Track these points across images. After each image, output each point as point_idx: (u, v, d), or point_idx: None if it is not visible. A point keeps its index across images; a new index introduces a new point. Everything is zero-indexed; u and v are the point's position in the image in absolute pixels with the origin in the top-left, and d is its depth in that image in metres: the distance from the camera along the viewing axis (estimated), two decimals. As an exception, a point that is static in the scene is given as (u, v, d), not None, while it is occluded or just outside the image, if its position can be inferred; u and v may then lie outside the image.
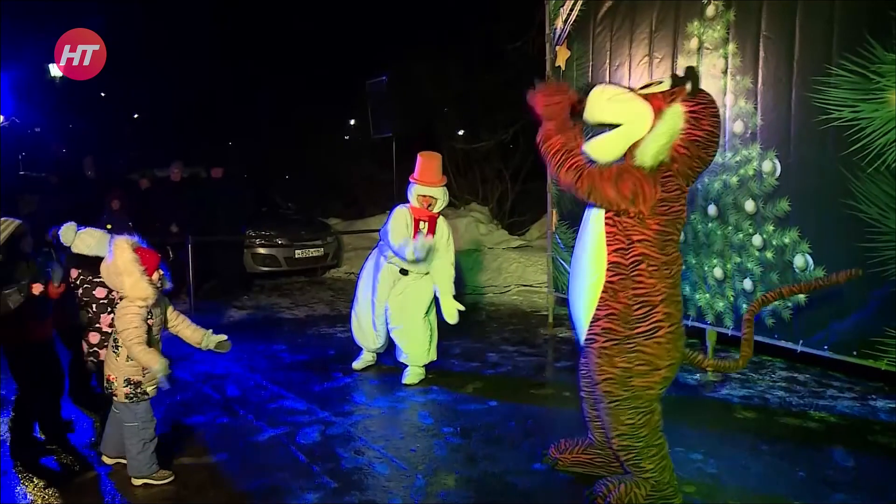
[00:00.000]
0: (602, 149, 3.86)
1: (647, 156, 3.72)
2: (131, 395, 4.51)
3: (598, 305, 3.94)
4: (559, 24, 8.06)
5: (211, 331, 4.94)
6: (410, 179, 6.60)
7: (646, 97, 3.84)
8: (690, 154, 3.76)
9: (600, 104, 3.88)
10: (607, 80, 7.34)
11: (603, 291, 3.92)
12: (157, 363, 4.38)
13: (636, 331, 3.84)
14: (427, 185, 6.49)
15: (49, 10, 18.09)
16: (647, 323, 3.82)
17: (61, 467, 4.95)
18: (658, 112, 3.76)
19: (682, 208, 3.85)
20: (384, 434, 5.35)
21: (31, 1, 17.50)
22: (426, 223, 6.53)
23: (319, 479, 4.57)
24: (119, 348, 4.49)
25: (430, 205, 6.52)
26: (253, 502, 4.35)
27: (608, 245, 3.89)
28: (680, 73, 4.03)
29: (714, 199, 6.33)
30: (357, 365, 7.01)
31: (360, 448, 5.06)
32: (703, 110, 3.77)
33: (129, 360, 4.48)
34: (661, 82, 3.93)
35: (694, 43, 6.43)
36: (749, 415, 5.57)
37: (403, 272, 6.62)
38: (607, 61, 7.40)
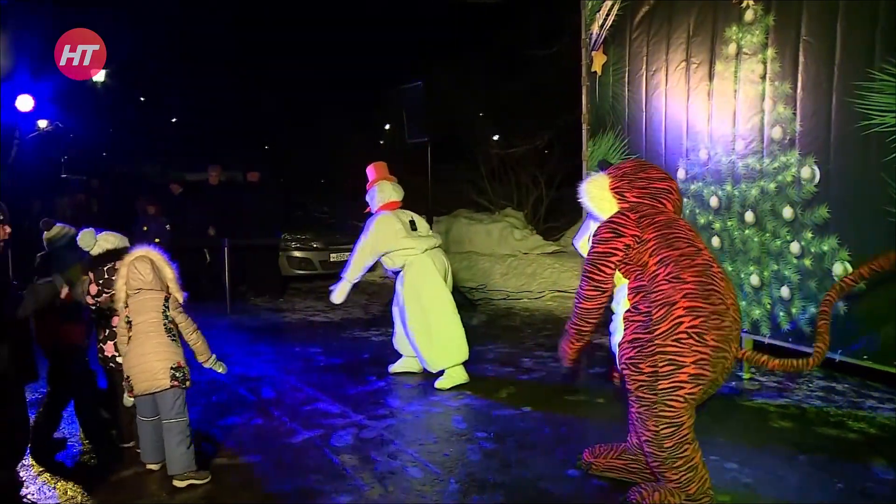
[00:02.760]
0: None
1: (592, 210, 4.35)
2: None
3: (625, 326, 4.04)
4: (595, 28, 8.02)
5: None
6: None
7: None
8: (621, 185, 4.22)
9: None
10: (644, 86, 7.31)
11: (627, 312, 4.02)
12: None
13: (656, 332, 3.85)
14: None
15: (91, 16, 18.40)
16: (668, 322, 3.83)
17: (101, 466, 5.03)
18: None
19: (667, 218, 4.09)
20: (417, 438, 5.36)
21: (74, 8, 17.81)
22: None
23: (353, 482, 4.60)
24: (175, 335, 4.69)
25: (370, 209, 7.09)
26: (287, 503, 4.39)
27: (627, 277, 4.05)
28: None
29: (751, 205, 6.26)
30: (393, 368, 7.06)
31: (394, 452, 5.08)
32: (626, 185, 4.22)
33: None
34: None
35: (732, 48, 6.37)
36: (786, 424, 5.50)
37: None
38: (644, 67, 7.35)
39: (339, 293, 6.99)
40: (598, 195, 4.26)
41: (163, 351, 4.60)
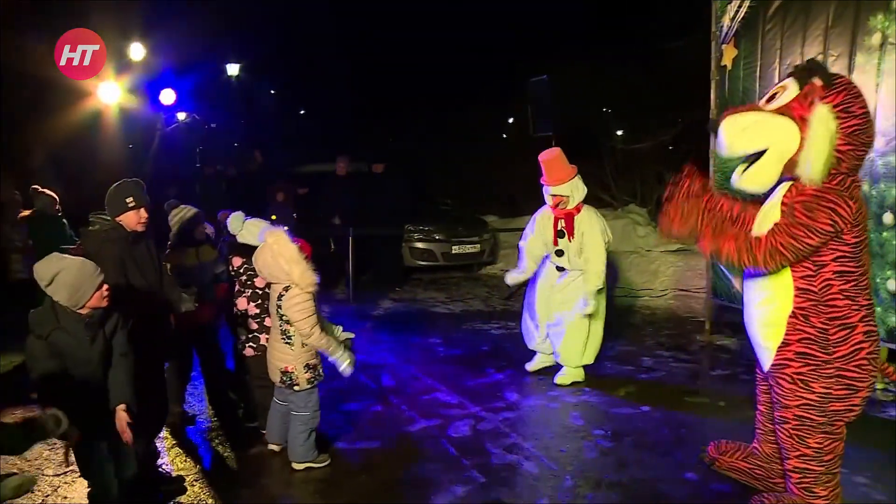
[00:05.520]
0: (756, 179, 3.76)
1: (817, 171, 3.54)
2: (312, 380, 4.73)
3: (788, 331, 3.77)
4: (726, 21, 7.78)
5: (341, 327, 5.05)
6: (541, 182, 6.58)
7: (782, 111, 3.65)
8: (854, 145, 3.54)
9: (736, 137, 3.72)
10: (776, 80, 7.05)
11: (792, 317, 3.75)
12: (338, 350, 4.66)
13: (835, 355, 3.66)
14: (552, 184, 6.44)
15: (229, 14, 19.18)
16: (848, 346, 3.65)
17: (227, 443, 5.28)
18: (803, 121, 3.58)
19: (866, 213, 3.65)
20: (534, 432, 5.38)
21: (211, 6, 18.62)
22: (563, 221, 6.47)
23: (468, 473, 4.66)
24: (292, 338, 4.66)
25: (559, 203, 6.46)
26: (403, 490, 4.50)
27: (793, 272, 3.72)
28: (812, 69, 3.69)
29: (890, 206, 5.95)
30: (531, 366, 6.99)
31: (510, 445, 5.12)
32: (848, 97, 3.52)
33: (305, 346, 4.67)
34: (785, 87, 3.72)
35: (876, 38, 6.06)
36: (924, 438, 5.21)
37: (559, 269, 6.59)
38: (777, 60, 7.09)
39: None
40: (827, 155, 3.51)
41: (276, 352, 4.76)
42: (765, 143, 3.65)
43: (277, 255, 4.55)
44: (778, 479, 4.11)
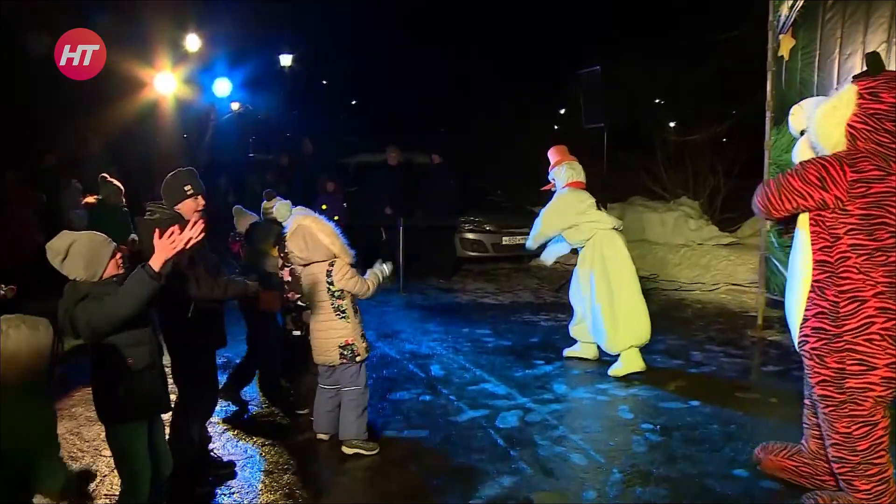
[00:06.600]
0: (798, 153, 4.09)
1: (817, 133, 3.80)
2: (368, 348, 4.93)
3: (807, 305, 3.84)
4: (784, 10, 7.62)
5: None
6: None
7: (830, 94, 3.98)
8: (872, 127, 3.64)
9: (793, 116, 4.19)
10: (836, 71, 6.90)
11: (810, 291, 3.82)
12: (377, 273, 4.99)
13: (845, 328, 3.66)
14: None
15: (283, 5, 19.39)
16: (857, 319, 3.64)
17: (278, 430, 5.37)
18: None
19: (890, 189, 3.61)
20: (583, 425, 5.37)
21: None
22: None
23: (516, 464, 4.67)
24: (346, 311, 4.80)
25: (552, 186, 7.09)
26: (450, 480, 4.52)
27: (813, 244, 3.80)
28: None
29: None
30: (567, 352, 7.10)
31: (558, 437, 5.12)
32: (881, 84, 3.67)
33: (357, 318, 4.85)
34: None
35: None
36: None
37: (573, 250, 7.00)
38: (837, 49, 6.92)
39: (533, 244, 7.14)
40: (827, 121, 3.76)
41: (329, 329, 4.83)
42: (806, 124, 3.99)
43: (317, 233, 4.73)
44: (825, 477, 4.05)
